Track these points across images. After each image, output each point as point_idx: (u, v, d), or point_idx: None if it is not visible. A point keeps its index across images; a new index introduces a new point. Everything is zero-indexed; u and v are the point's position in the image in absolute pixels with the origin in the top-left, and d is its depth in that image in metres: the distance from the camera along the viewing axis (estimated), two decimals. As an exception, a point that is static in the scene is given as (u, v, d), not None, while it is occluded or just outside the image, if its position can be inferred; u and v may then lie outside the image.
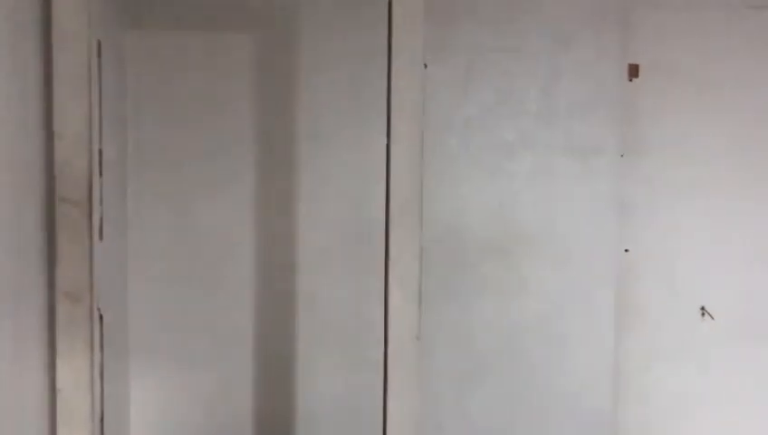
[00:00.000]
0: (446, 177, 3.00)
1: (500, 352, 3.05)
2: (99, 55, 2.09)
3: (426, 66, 2.18)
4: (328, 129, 2.95)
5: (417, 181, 2.05)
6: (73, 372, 1.97)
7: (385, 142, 2.11)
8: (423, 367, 2.79)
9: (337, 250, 2.98)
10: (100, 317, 2.09)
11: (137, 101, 2.83)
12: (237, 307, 2.96)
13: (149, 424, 2.91)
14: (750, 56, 3.06)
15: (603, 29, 3.00)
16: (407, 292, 2.16)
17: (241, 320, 2.96)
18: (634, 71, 3.01)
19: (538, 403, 3.06)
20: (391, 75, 2.04)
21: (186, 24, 2.88)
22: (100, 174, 2.12)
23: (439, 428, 3.01)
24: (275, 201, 2.96)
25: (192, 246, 2.92)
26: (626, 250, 3.07)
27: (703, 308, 3.10)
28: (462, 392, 3.04)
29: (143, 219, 2.87)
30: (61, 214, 1.96)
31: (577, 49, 3.00)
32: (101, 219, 2.13)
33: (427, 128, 2.89)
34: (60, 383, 1.97)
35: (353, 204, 2.95)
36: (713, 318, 3.08)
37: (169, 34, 2.87)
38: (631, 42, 3.02)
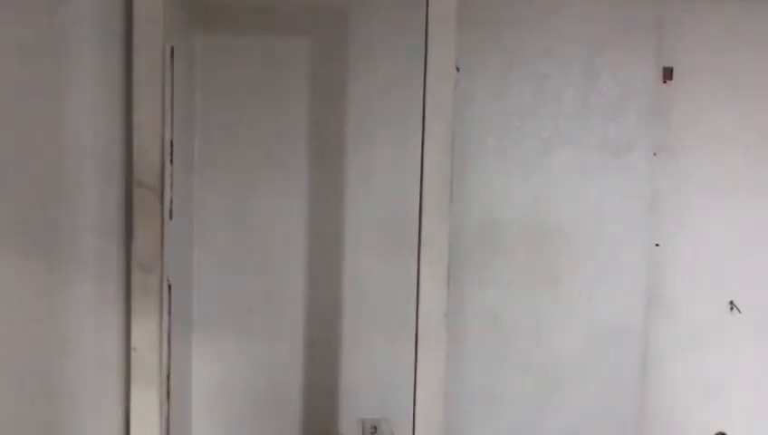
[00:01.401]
0: (484, 172, 3.14)
1: (531, 337, 3.19)
2: (172, 59, 2.37)
3: (458, 70, 2.38)
4: (372, 126, 3.12)
5: (447, 176, 2.26)
6: (146, 334, 2.27)
7: (420, 140, 2.33)
8: (457, 347, 3.02)
9: (378, 237, 3.16)
10: (169, 287, 2.38)
11: (204, 99, 3.07)
12: (290, 286, 3.16)
13: (208, 386, 3.17)
14: (784, 59, 3.12)
15: (638, 32, 3.09)
16: (436, 274, 2.36)
17: (293, 297, 3.17)
18: (668, 73, 3.11)
19: (567, 387, 3.19)
20: (426, 79, 2.25)
21: (248, 29, 3.13)
22: (171, 162, 2.40)
23: (470, 406, 3.19)
24: (325, 192, 3.16)
25: (251, 231, 3.14)
26: (657, 244, 3.17)
27: (731, 302, 3.19)
28: (493, 373, 3.21)
29: (208, 205, 3.10)
30: (137, 196, 2.25)
31: (612, 52, 3.09)
32: (171, 202, 2.42)
33: (468, 126, 3.08)
34: (134, 343, 2.27)
35: (393, 196, 3.12)
36: (741, 312, 3.17)
37: (233, 39, 3.11)
38: (665, 45, 3.10)
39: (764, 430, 3.21)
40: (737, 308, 3.17)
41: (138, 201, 2.24)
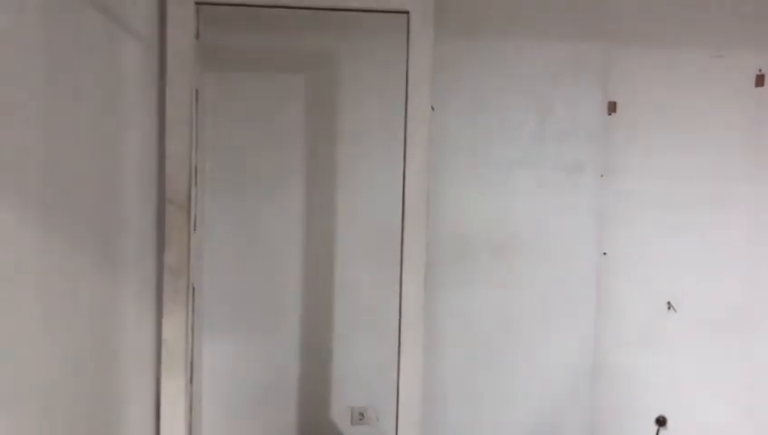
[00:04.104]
0: (455, 190, 3.56)
1: (497, 334, 3.60)
2: (197, 99, 2.83)
3: (433, 109, 2.84)
4: (360, 151, 3.55)
5: (424, 196, 2.73)
6: (175, 328, 2.70)
7: (401, 163, 2.78)
8: (433, 344, 3.44)
9: (365, 248, 3.57)
10: (193, 289, 2.82)
11: (213, 128, 3.50)
12: (288, 290, 3.57)
13: (215, 377, 3.55)
14: (709, 95, 3.59)
15: (587, 71, 3.56)
16: (415, 280, 2.81)
17: (290, 300, 3.58)
18: (613, 107, 3.60)
19: (529, 374, 3.62)
20: (407, 118, 2.73)
21: (250, 66, 3.57)
22: (195, 183, 2.85)
23: (446, 395, 3.60)
24: (319, 207, 3.58)
25: (253, 243, 3.55)
26: (604, 253, 3.63)
27: (669, 303, 3.66)
28: (466, 365, 3.62)
29: (217, 220, 3.51)
30: (168, 212, 2.69)
31: (566, 89, 3.56)
32: (195, 216, 2.86)
33: (441, 151, 3.54)
34: (165, 335, 2.70)
35: (379, 210, 3.53)
36: (676, 311, 3.66)
37: (238, 75, 3.55)
38: (610, 82, 3.57)
39: (698, 412, 3.68)
40: (673, 308, 3.65)
41: (168, 216, 2.68)
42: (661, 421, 3.66)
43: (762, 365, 3.67)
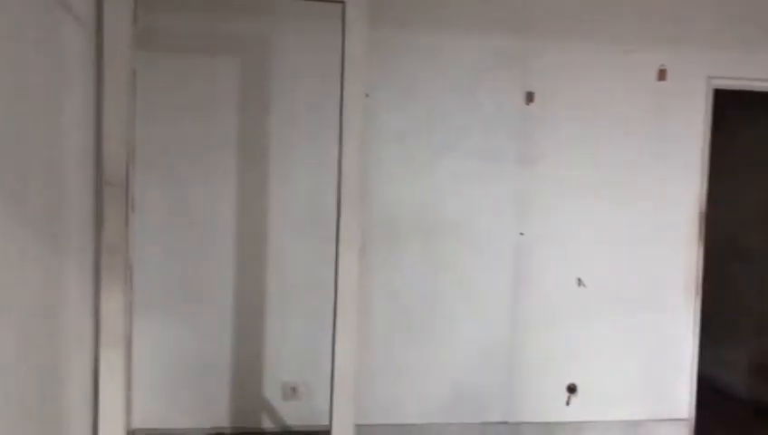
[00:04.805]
0: (386, 175, 3.74)
1: (423, 310, 3.81)
2: (134, 82, 2.87)
3: (368, 96, 2.99)
4: (295, 133, 3.67)
5: (358, 178, 2.88)
6: (112, 305, 2.75)
7: (336, 147, 2.92)
8: (363, 321, 3.60)
9: (298, 228, 3.71)
10: (130, 267, 2.88)
11: (146, 108, 3.52)
12: (221, 268, 3.67)
13: (147, 354, 3.61)
14: (617, 88, 3.89)
15: (507, 65, 3.81)
16: (350, 258, 2.95)
17: (223, 278, 3.67)
18: (530, 97, 3.85)
19: (454, 347, 3.84)
20: (342, 101, 2.87)
21: (188, 49, 3.61)
22: (133, 164, 2.90)
23: (375, 369, 3.77)
24: (253, 186, 3.68)
25: (187, 221, 3.63)
26: (521, 234, 3.89)
27: (579, 279, 3.96)
28: (393, 340, 3.80)
29: (149, 199, 3.55)
30: (106, 193, 2.73)
31: (489, 80, 3.79)
32: (132, 197, 2.91)
33: (374, 139, 3.70)
34: (103, 312, 2.75)
35: (312, 192, 3.67)
36: (586, 287, 3.97)
37: (175, 58, 3.58)
38: (529, 74, 3.82)
39: (605, 380, 4.01)
40: (583, 284, 3.95)
41: (107, 197, 2.72)
42: (572, 389, 3.97)
43: (661, 336, 4.03)
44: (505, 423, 3.91)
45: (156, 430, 3.66)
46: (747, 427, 4.27)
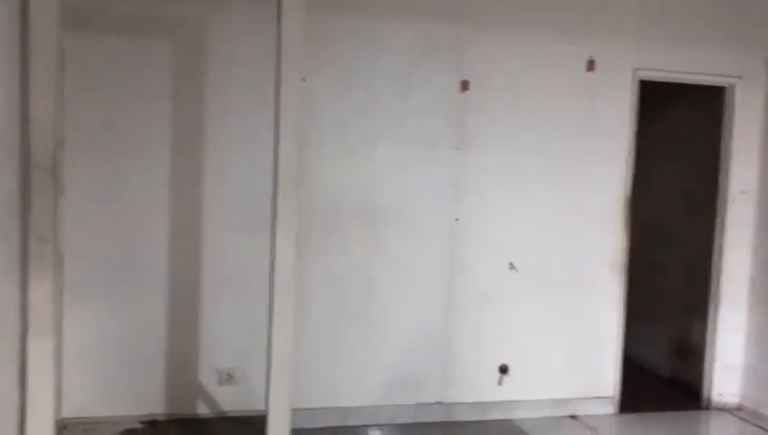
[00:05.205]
0: (324, 162, 3.74)
1: (363, 293, 3.85)
2: (62, 63, 2.78)
3: (304, 80, 2.98)
4: (230, 119, 3.64)
5: (296, 165, 2.87)
6: (42, 292, 2.66)
7: (272, 133, 2.91)
8: (301, 306, 3.61)
9: (234, 215, 3.68)
10: (60, 253, 2.80)
11: (78, 92, 3.43)
12: (154, 253, 3.62)
13: (78, 342, 3.53)
14: (548, 76, 4.01)
15: (442, 52, 3.85)
16: (287, 246, 2.93)
17: (157, 265, 3.63)
18: (465, 85, 3.92)
19: (390, 330, 3.90)
20: (278, 85, 2.85)
21: (118, 30, 3.51)
22: (62, 147, 2.81)
23: (313, 353, 3.79)
24: (187, 171, 3.63)
25: (119, 204, 3.56)
26: (456, 219, 3.96)
27: (511, 263, 4.08)
28: (332, 325, 3.83)
29: (82, 181, 3.47)
30: (34, 176, 2.64)
31: (424, 68, 3.83)
32: (62, 181, 2.83)
33: (310, 123, 3.69)
34: (32, 300, 2.66)
35: (249, 177, 3.65)
36: (518, 271, 4.08)
37: (105, 39, 3.49)
38: (463, 62, 3.88)
39: (535, 360, 4.15)
40: (515, 268, 4.07)
41: (35, 181, 2.63)
42: (504, 369, 4.10)
43: (588, 318, 4.20)
44: (440, 404, 4.01)
45: (87, 418, 3.59)
46: (668, 402, 4.50)
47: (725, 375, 4.42)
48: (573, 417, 4.16)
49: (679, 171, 4.87)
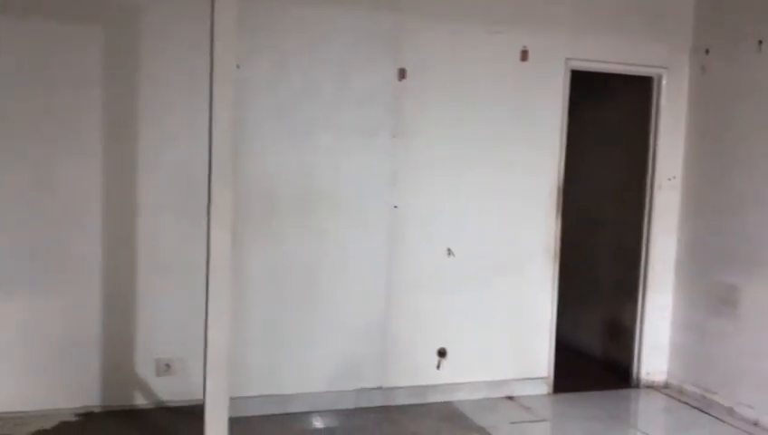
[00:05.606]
0: (262, 149, 3.72)
1: (303, 280, 3.85)
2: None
3: (239, 66, 2.96)
4: (164, 104, 3.59)
5: (231, 151, 2.85)
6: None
7: (207, 120, 2.89)
8: (240, 294, 3.60)
9: (171, 199, 3.64)
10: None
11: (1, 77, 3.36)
12: (86, 241, 3.56)
13: (4, 336, 3.48)
14: (483, 65, 4.08)
15: (380, 40, 3.87)
16: (223, 233, 2.91)
17: (89, 252, 3.57)
18: (403, 73, 3.94)
19: (331, 317, 3.92)
20: (212, 71, 2.83)
21: (44, 13, 3.42)
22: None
23: (253, 341, 3.78)
24: (121, 159, 3.58)
25: (48, 191, 3.49)
26: (395, 207, 4.00)
27: (449, 249, 4.15)
28: (272, 312, 3.82)
29: (7, 169, 3.41)
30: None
31: (362, 56, 3.84)
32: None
33: (246, 110, 3.67)
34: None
35: (184, 164, 3.62)
36: (455, 256, 4.16)
37: (31, 22, 3.39)
38: (401, 50, 3.91)
39: (472, 343, 4.23)
40: (453, 253, 4.14)
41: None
42: (442, 353, 4.18)
43: (523, 301, 4.32)
44: (380, 389, 4.06)
45: (19, 412, 3.51)
46: (600, 381, 4.68)
47: (653, 354, 4.61)
48: (510, 398, 4.28)
49: (610, 158, 5.03)
